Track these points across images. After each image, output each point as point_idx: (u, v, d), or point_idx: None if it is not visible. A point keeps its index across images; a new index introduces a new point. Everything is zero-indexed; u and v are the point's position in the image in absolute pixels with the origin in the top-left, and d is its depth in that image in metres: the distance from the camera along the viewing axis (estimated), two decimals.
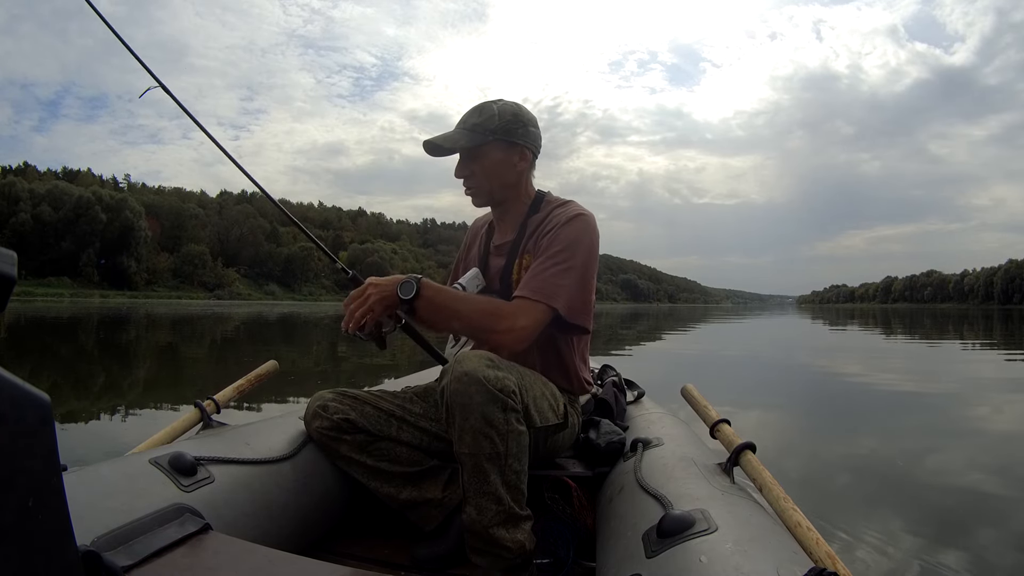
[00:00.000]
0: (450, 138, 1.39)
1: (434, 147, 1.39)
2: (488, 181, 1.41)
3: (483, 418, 1.10)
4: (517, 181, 1.44)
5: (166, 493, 1.01)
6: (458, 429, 1.12)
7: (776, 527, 0.92)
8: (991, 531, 2.19)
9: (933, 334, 17.34)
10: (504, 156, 1.40)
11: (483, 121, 1.38)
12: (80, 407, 4.44)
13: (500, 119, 1.38)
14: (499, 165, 1.40)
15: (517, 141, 1.40)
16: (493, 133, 1.38)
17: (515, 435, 1.13)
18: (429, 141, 1.39)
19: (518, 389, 1.15)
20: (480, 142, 1.38)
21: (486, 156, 1.39)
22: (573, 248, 1.33)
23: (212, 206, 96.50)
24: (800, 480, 2.74)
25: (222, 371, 7.31)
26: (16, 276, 0.44)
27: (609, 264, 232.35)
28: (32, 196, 66.34)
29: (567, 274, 1.31)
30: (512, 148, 1.40)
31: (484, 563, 1.18)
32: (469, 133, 1.38)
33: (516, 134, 1.40)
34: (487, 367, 1.12)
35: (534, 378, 1.29)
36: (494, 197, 1.45)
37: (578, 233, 1.35)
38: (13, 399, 0.43)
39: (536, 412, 1.24)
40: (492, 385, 1.10)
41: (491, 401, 1.10)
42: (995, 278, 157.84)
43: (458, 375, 1.11)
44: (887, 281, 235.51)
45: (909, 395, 5.85)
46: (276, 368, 1.66)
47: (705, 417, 1.40)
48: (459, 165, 1.42)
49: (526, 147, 1.42)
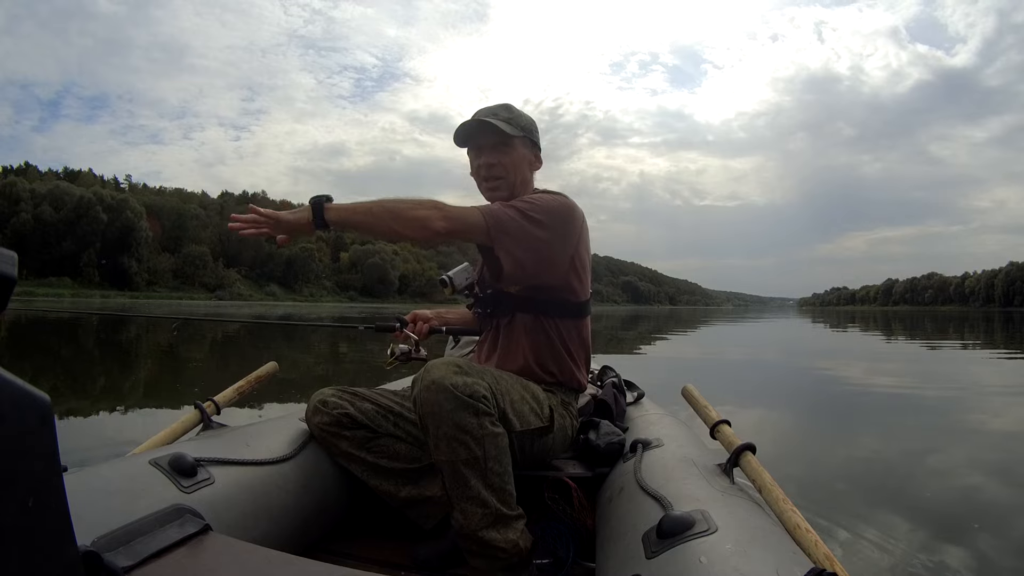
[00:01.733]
0: (492, 120, 1.41)
1: (476, 124, 1.41)
2: (513, 174, 1.46)
3: (455, 424, 1.11)
4: (529, 181, 1.50)
5: (166, 494, 1.01)
6: (432, 437, 1.13)
7: (775, 528, 0.92)
8: (991, 533, 2.19)
9: (934, 337, 17.32)
10: (528, 153, 1.48)
11: (514, 117, 1.45)
12: (80, 407, 4.44)
13: (525, 120, 1.47)
14: (523, 161, 1.47)
15: (537, 141, 1.49)
16: (522, 130, 1.45)
17: (491, 438, 1.14)
18: (480, 121, 1.40)
19: (490, 393, 1.17)
20: (515, 134, 1.44)
21: (515, 150, 1.45)
22: (541, 205, 1.35)
23: (213, 207, 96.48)
24: (800, 481, 2.73)
25: (222, 372, 7.31)
26: (16, 276, 0.44)
27: (610, 266, 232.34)
28: (33, 196, 66.32)
29: (521, 215, 1.32)
30: (533, 148, 1.49)
31: (481, 565, 1.18)
32: (507, 124, 1.42)
33: (535, 136, 1.49)
34: (455, 374, 1.13)
35: (512, 382, 1.30)
36: (513, 191, 1.47)
37: (553, 201, 1.39)
38: (13, 399, 0.43)
39: (515, 416, 1.25)
40: (461, 391, 1.11)
41: (461, 407, 1.11)
42: (996, 281, 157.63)
43: (427, 384, 1.13)
44: (888, 283, 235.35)
45: (909, 397, 5.84)
46: (276, 369, 1.67)
47: (705, 418, 1.40)
48: (489, 153, 1.44)
49: (539, 150, 1.51)
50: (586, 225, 1.44)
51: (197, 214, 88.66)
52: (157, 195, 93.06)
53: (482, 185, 1.47)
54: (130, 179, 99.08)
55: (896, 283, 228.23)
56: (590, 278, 1.50)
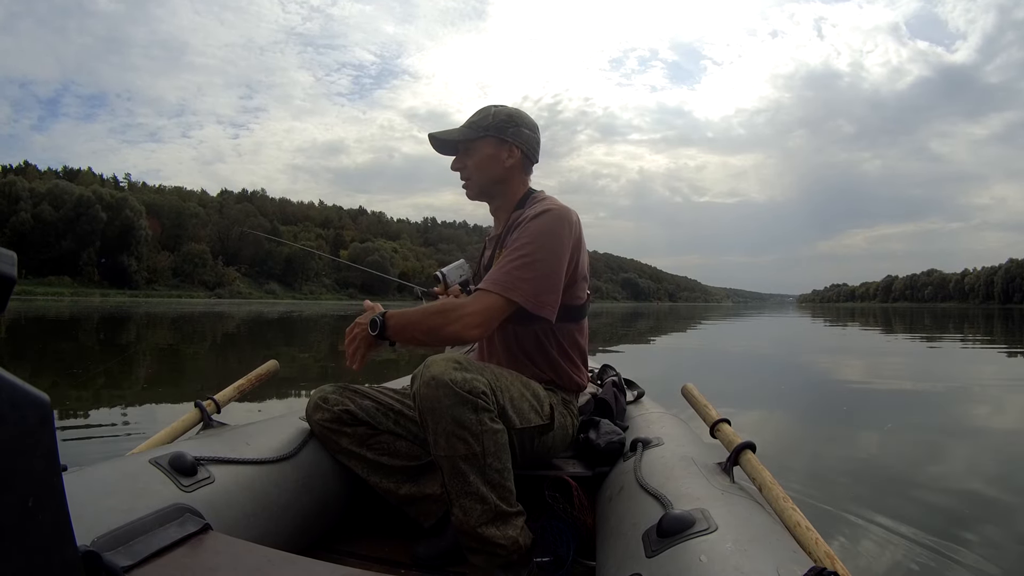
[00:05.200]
0: (448, 132, 1.50)
1: (436, 140, 1.51)
2: (478, 174, 1.49)
3: (454, 420, 1.12)
4: (505, 177, 1.49)
5: (166, 493, 1.01)
6: (432, 432, 1.14)
7: (776, 527, 0.92)
8: (992, 531, 2.19)
9: (934, 333, 17.34)
10: (494, 152, 1.47)
11: (479, 119, 1.48)
12: (80, 407, 4.44)
13: (495, 118, 1.48)
14: (488, 160, 1.48)
15: (507, 138, 1.48)
16: (486, 130, 1.47)
17: (490, 434, 1.14)
18: (433, 135, 1.51)
19: (489, 390, 1.17)
20: (473, 136, 1.47)
21: (478, 151, 1.48)
22: (538, 241, 1.34)
23: (212, 205, 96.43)
24: (800, 479, 2.74)
25: (222, 371, 7.31)
26: (16, 276, 0.44)
27: (610, 263, 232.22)
28: (32, 195, 66.22)
29: (529, 267, 1.32)
30: (502, 144, 1.48)
31: (480, 562, 1.19)
32: (465, 129, 1.49)
33: (507, 132, 1.48)
34: (454, 370, 1.14)
35: (512, 379, 1.31)
36: (484, 191, 1.52)
37: (544, 226, 1.36)
38: (13, 399, 0.43)
39: (515, 413, 1.25)
40: (460, 387, 1.12)
41: (460, 403, 1.12)
42: (995, 277, 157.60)
43: (426, 380, 1.13)
44: (888, 280, 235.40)
45: (909, 394, 5.85)
46: (276, 368, 1.67)
47: (705, 416, 1.40)
48: (455, 159, 1.52)
49: (515, 145, 1.48)
50: (580, 229, 1.42)
51: (196, 212, 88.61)
52: (156, 193, 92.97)
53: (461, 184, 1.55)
54: (129, 177, 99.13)
55: (896, 280, 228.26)
56: (588, 281, 1.50)
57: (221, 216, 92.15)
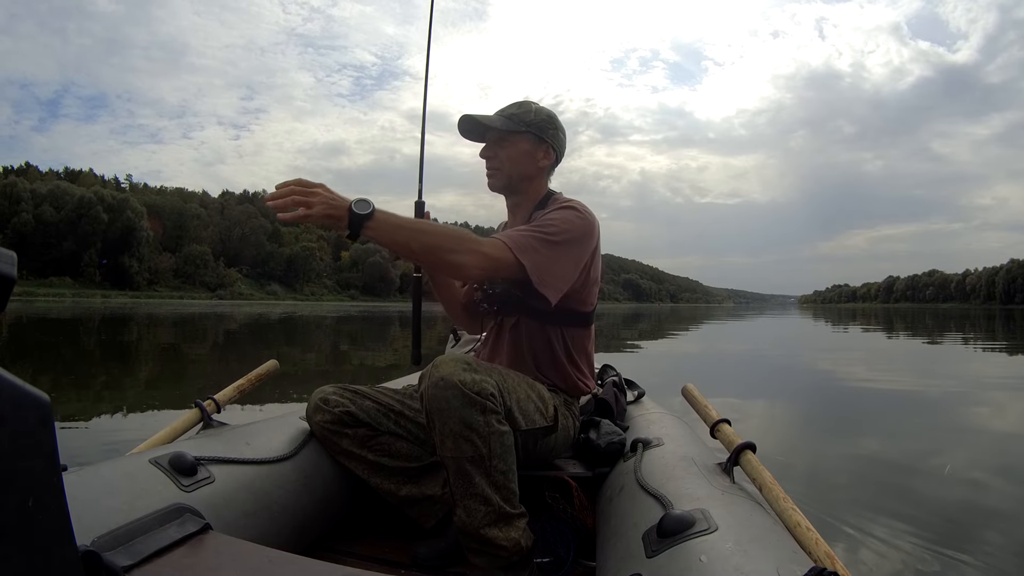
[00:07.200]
0: (488, 119, 1.47)
1: (471, 123, 1.47)
2: (510, 167, 1.48)
3: (462, 422, 1.11)
4: (535, 175, 1.50)
5: (166, 493, 1.01)
6: (439, 433, 1.13)
7: (776, 527, 0.92)
8: (993, 532, 2.19)
9: (935, 333, 17.31)
10: (530, 149, 1.47)
11: (521, 113, 1.47)
12: (80, 407, 4.45)
13: (536, 116, 1.48)
14: (523, 155, 1.47)
15: (546, 139, 1.48)
16: (527, 126, 1.46)
17: (497, 436, 1.14)
18: (467, 116, 1.46)
19: (497, 391, 1.16)
20: (513, 129, 1.45)
21: (514, 144, 1.47)
22: (563, 226, 1.35)
23: (214, 206, 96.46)
24: (800, 480, 2.73)
25: (223, 371, 7.31)
26: (16, 276, 0.44)
27: (611, 264, 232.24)
28: (34, 196, 66.32)
29: (548, 244, 1.32)
30: (540, 144, 1.48)
31: (481, 563, 1.18)
32: (506, 120, 1.47)
33: (547, 133, 1.48)
34: (463, 371, 1.13)
35: (519, 380, 1.30)
36: (511, 185, 1.51)
37: (574, 216, 1.39)
38: (13, 399, 0.43)
39: (521, 415, 1.25)
40: (469, 389, 1.11)
41: (469, 404, 1.11)
42: (996, 278, 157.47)
43: (435, 380, 1.12)
44: (889, 281, 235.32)
45: (910, 394, 5.84)
46: (276, 368, 1.66)
47: (705, 417, 1.40)
48: (487, 146, 1.49)
49: (552, 147, 1.49)
50: (599, 237, 1.44)
51: (198, 213, 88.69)
52: (157, 195, 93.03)
53: (486, 171, 1.52)
54: (130, 179, 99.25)
55: (897, 280, 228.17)
56: (599, 287, 1.50)
57: (222, 217, 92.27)
